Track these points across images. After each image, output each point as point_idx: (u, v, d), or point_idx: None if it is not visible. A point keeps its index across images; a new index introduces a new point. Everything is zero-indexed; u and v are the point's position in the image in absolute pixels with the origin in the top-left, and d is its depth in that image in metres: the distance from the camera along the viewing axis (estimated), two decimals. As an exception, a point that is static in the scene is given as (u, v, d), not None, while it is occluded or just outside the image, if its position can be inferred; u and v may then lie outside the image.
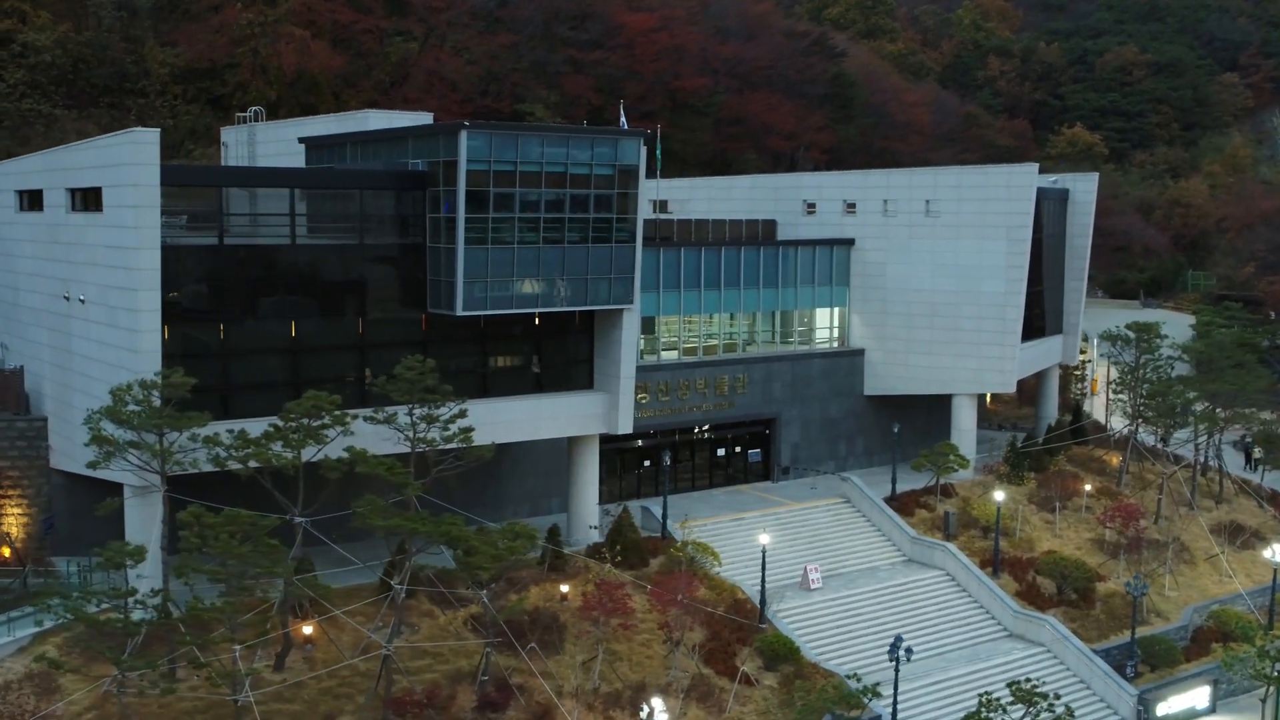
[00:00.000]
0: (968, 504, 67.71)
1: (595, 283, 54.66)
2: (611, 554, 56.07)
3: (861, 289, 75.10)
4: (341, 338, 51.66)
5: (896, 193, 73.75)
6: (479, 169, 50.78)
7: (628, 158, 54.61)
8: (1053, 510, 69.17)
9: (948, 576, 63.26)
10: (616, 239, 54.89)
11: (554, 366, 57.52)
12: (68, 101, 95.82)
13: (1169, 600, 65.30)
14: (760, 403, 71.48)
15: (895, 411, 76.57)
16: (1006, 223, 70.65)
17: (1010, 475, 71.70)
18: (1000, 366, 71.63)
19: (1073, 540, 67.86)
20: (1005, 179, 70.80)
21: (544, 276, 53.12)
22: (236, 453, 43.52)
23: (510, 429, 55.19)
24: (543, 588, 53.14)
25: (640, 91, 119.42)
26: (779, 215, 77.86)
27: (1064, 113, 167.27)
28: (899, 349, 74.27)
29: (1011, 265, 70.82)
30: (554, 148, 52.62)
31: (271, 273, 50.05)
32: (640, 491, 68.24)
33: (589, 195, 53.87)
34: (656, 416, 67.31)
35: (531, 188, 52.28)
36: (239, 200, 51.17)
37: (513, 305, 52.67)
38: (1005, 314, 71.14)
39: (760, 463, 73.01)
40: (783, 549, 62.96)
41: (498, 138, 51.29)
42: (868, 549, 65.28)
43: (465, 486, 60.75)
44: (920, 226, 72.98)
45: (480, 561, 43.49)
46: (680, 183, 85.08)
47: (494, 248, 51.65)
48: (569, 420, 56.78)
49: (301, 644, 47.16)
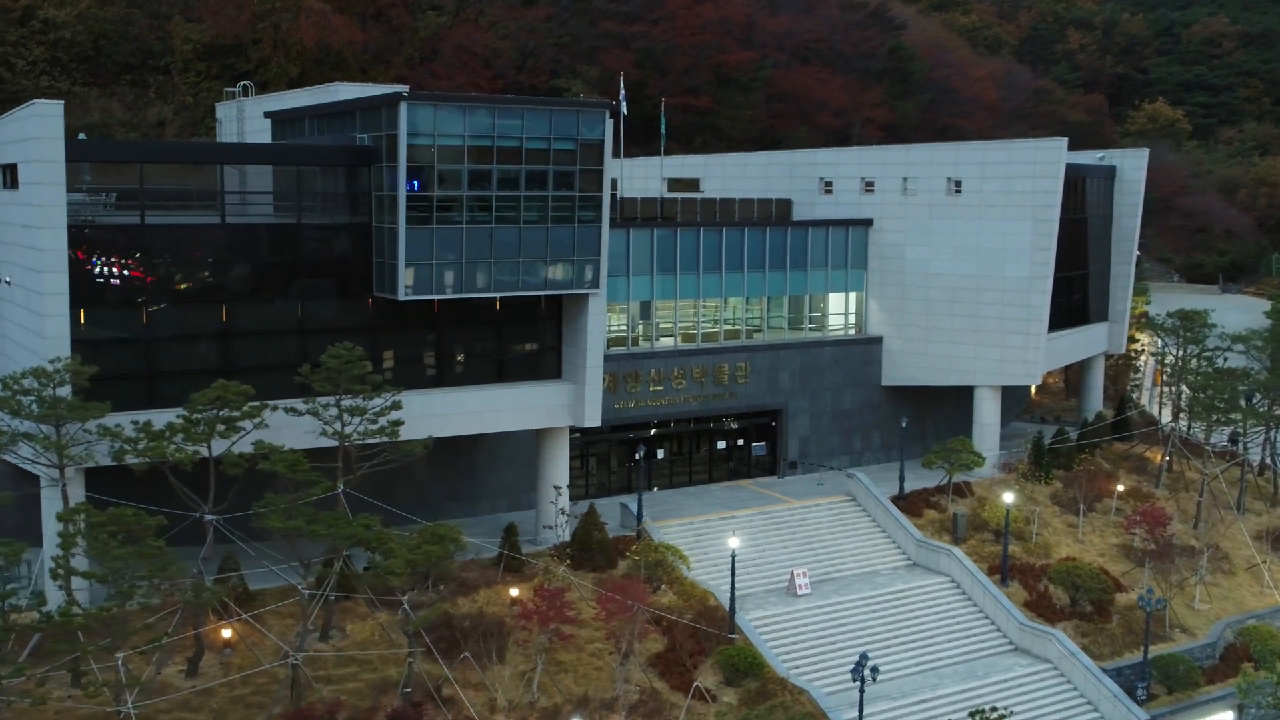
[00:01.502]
0: (983, 504, 62.88)
1: (556, 266, 51.07)
2: (575, 555, 52.59)
3: (880, 272, 70.42)
4: (278, 323, 48.73)
5: (917, 170, 68.90)
6: (422, 143, 47.45)
7: (591, 131, 50.85)
8: (1078, 513, 64.01)
9: (952, 583, 58.62)
10: (580, 219, 51.19)
11: (518, 354, 54.14)
12: (88, 79, 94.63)
13: (1198, 614, 59.94)
14: (765, 393, 67.30)
15: (917, 403, 71.90)
16: (1033, 202, 65.44)
17: (1033, 474, 66.64)
18: (1025, 357, 66.51)
19: (1096, 546, 62.72)
20: (1032, 155, 65.54)
21: (498, 259, 49.64)
22: (136, 446, 40.72)
23: (467, 421, 51.93)
24: (495, 590, 49.86)
25: (684, 66, 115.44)
26: (795, 194, 73.44)
27: (1146, 87, 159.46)
28: (918, 337, 69.51)
29: (1037, 248, 65.63)
30: (507, 120, 49.07)
31: (199, 254, 47.23)
32: (631, 485, 64.55)
33: (547, 171, 50.23)
34: (648, 407, 63.60)
35: (482, 163, 48.83)
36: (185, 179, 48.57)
37: (462, 289, 49.27)
38: (1030, 300, 65.99)
39: (766, 457, 68.88)
40: (773, 551, 58.97)
41: (442, 110, 47.88)
42: (869, 552, 60.85)
43: (438, 480, 58.01)
44: (941, 206, 68.07)
45: (393, 566, 40.23)
46: (695, 159, 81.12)
47: (440, 228, 48.30)
48: (532, 412, 53.30)
49: (220, 648, 44.45)
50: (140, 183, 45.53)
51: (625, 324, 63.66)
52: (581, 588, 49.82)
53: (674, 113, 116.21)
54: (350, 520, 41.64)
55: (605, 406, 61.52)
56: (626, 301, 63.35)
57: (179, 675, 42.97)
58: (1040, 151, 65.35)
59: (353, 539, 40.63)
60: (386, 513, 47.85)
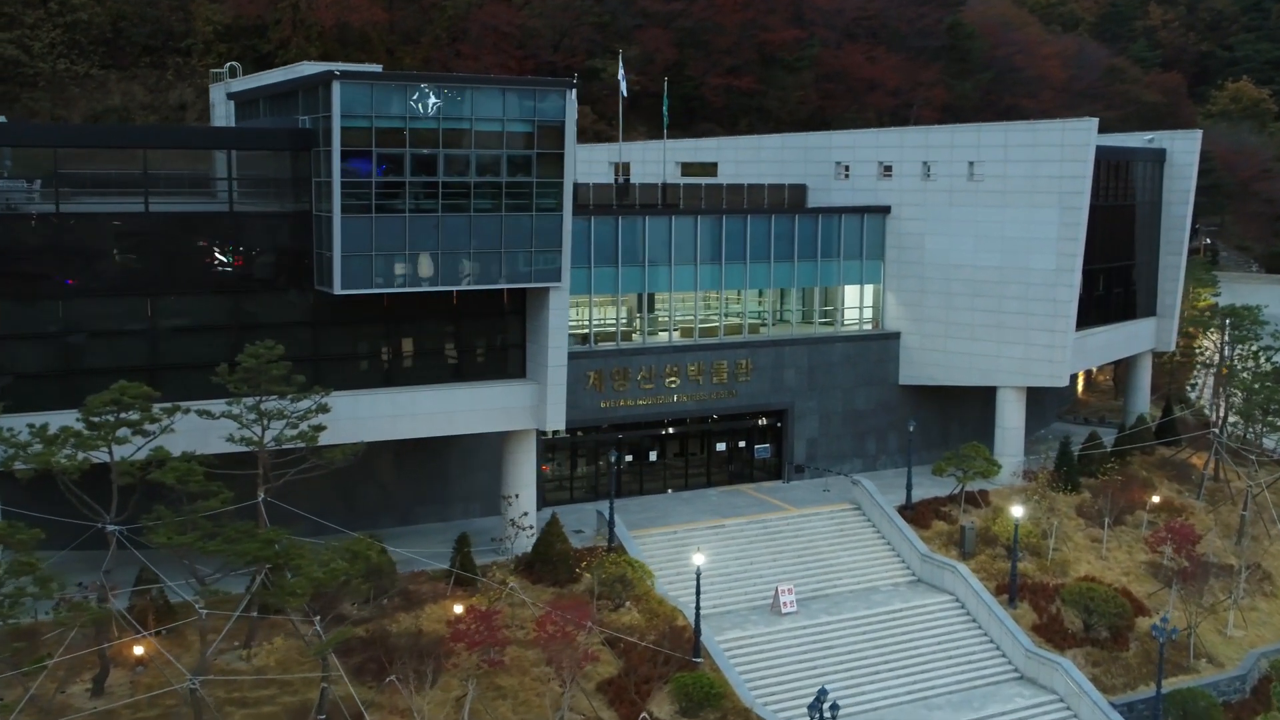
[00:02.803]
0: (997, 516, 57.98)
1: (511, 258, 47.38)
2: (534, 568, 49.02)
3: (897, 263, 65.66)
4: (210, 318, 45.69)
5: (937, 153, 63.98)
6: (358, 125, 44.05)
7: (550, 112, 47.06)
8: (1103, 526, 58.84)
9: (956, 603, 54.00)
10: (538, 207, 47.46)
11: (479, 352, 50.62)
12: (107, 61, 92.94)
13: (1231, 641, 54.59)
14: (769, 391, 63.00)
15: (940, 404, 67.15)
16: (1060, 188, 60.21)
17: (1058, 482, 61.53)
18: (1050, 356, 61.37)
19: (1121, 563, 57.55)
20: (1059, 136, 60.26)
21: (445, 250, 46.10)
22: (26, 451, 37.90)
23: (418, 424, 48.55)
24: (442, 605, 46.45)
25: (725, 45, 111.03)
26: (810, 179, 68.87)
27: (1230, 66, 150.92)
28: (937, 333, 64.66)
29: (1065, 238, 60.41)
30: (453, 100, 45.44)
31: (120, 244, 44.28)
32: (622, 489, 60.78)
33: (500, 156, 46.55)
34: (638, 406, 59.70)
35: (426, 147, 45.30)
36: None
37: (405, 283, 45.81)
38: (1056, 295, 60.83)
39: (770, 460, 64.61)
40: (762, 564, 54.86)
41: (380, 89, 44.40)
42: (869, 566, 56.40)
43: (406, 483, 54.90)
44: (962, 192, 63.10)
45: (295, 586, 36.95)
46: (708, 143, 76.76)
47: (381, 217, 44.91)
48: (490, 414, 49.72)
49: (132, 666, 41.61)
50: (55, 168, 42.69)
51: (614, 318, 59.82)
52: (531, 605, 46.15)
53: (717, 94, 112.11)
54: (255, 535, 38.34)
55: (590, 406, 58.22)
56: (616, 294, 59.53)
57: (85, 695, 40.21)
58: (1068, 133, 60.06)
59: (248, 556, 37.33)
60: (313, 523, 44.84)
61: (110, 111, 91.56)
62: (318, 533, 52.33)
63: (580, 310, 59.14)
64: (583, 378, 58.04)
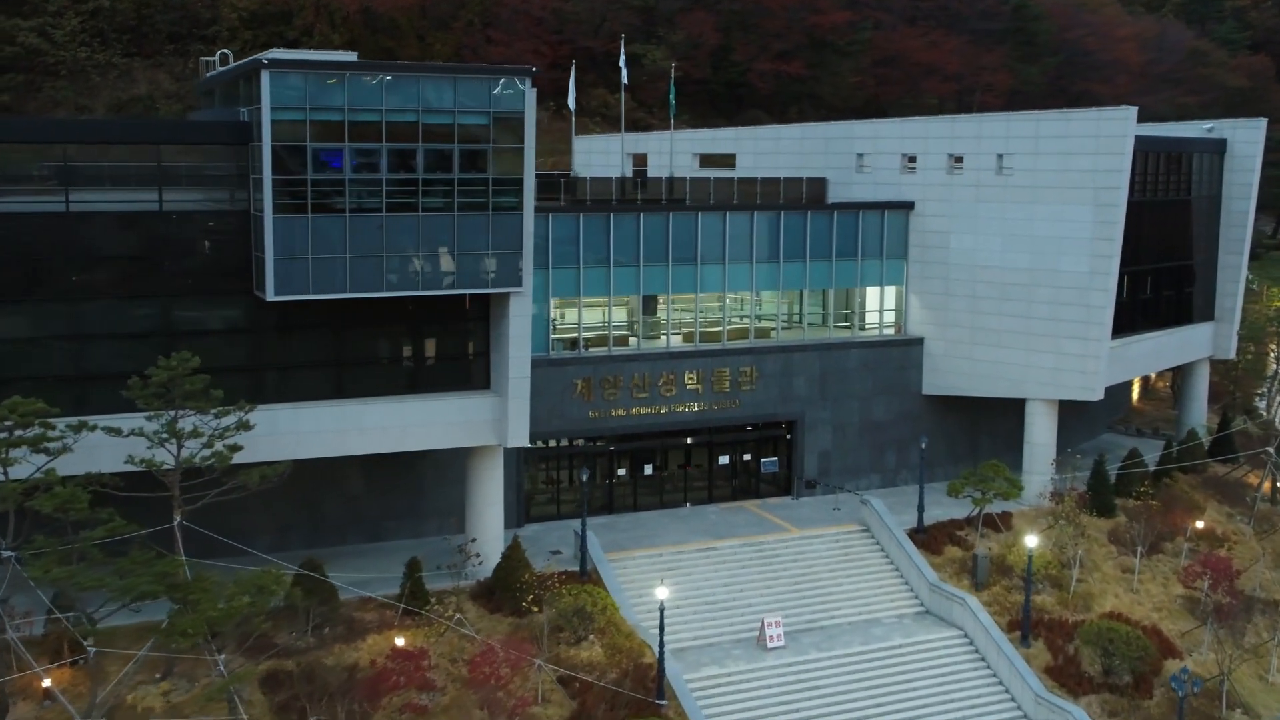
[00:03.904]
0: (1020, 541, 52.99)
1: (465, 260, 43.71)
2: (492, 596, 45.40)
3: (920, 264, 60.82)
4: (138, 326, 42.62)
5: (963, 145, 59.01)
6: (291, 118, 40.68)
7: (508, 103, 43.25)
8: (1136, 555, 53.61)
9: (965, 639, 49.31)
10: (496, 205, 43.73)
11: (438, 361, 47.05)
12: (131, 50, 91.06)
13: (1273, 689, 49.18)
14: (776, 401, 58.65)
15: (969, 415, 62.27)
16: (1094, 183, 54.95)
17: (1091, 504, 56.38)
18: (1082, 367, 56.16)
19: (1154, 597, 52.33)
20: (1094, 127, 54.96)
21: (390, 253, 42.57)
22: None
23: (366, 439, 45.09)
24: (385, 637, 43.02)
25: (774, 28, 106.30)
26: (830, 172, 64.21)
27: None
28: (962, 339, 59.75)
29: (1099, 238, 55.14)
30: (400, 92, 41.85)
31: (38, 246, 41.24)
32: (612, 505, 57.03)
33: (452, 151, 42.86)
34: (631, 417, 55.75)
35: (368, 141, 41.79)
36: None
37: (347, 288, 42.37)
38: (1090, 300, 55.60)
39: (779, 474, 60.24)
40: (754, 591, 50.67)
41: (316, 79, 40.94)
42: (873, 595, 51.86)
43: (376, 497, 51.69)
44: (989, 187, 58.09)
45: (185, 625, 33.69)
46: (725, 133, 72.28)
47: (318, 216, 41.52)
48: (447, 428, 46.12)
49: (40, 698, 38.78)
50: (-36, 165, 39.96)
51: (605, 321, 55.94)
52: (477, 638, 42.51)
53: (765, 80, 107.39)
54: (152, 566, 35.14)
55: (578, 416, 54.51)
56: (608, 296, 55.64)
57: (-17, 731, 37.51)
58: (1103, 122, 54.71)
59: (134, 593, 34.14)
60: (272, 540, 41.85)
61: (135, 101, 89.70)
62: (276, 549, 49.77)
63: (566, 313, 55.41)
64: (570, 386, 54.29)
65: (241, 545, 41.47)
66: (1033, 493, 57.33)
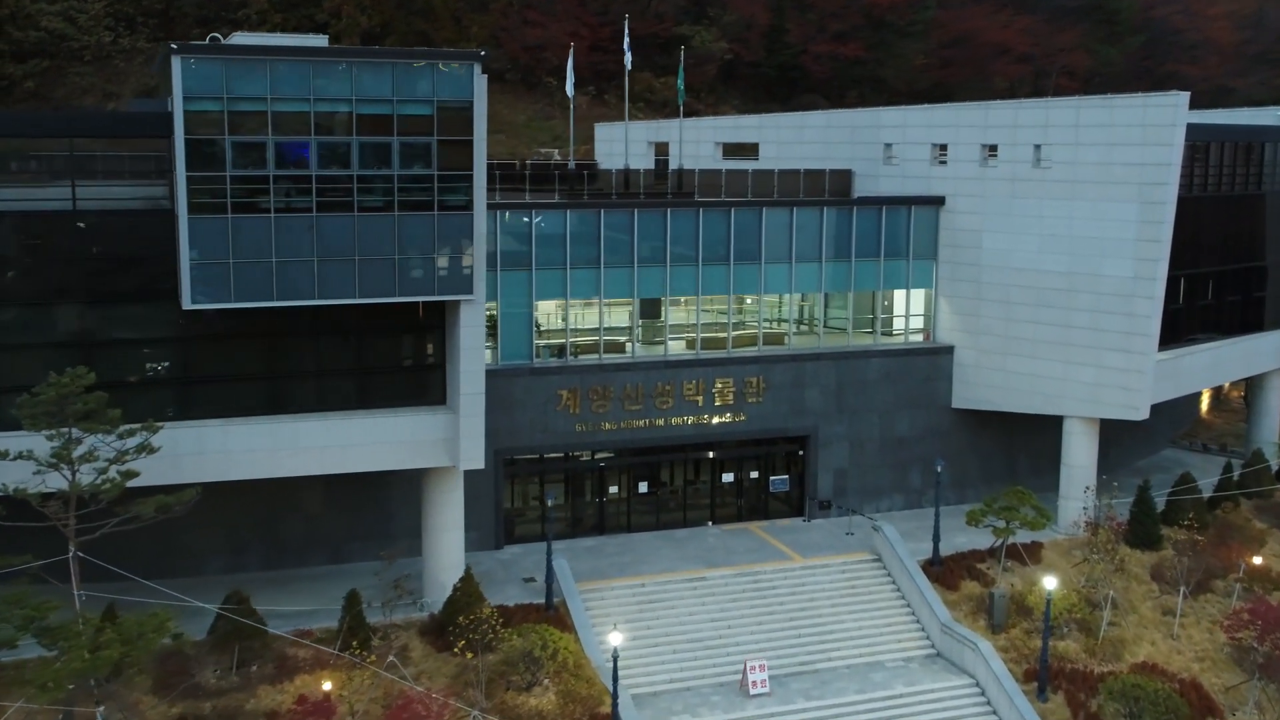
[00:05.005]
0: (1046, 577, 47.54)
1: (408, 265, 39.62)
2: (441, 633, 41.38)
3: (951, 264, 55.42)
4: (50, 334, 39.22)
5: (998, 134, 53.44)
6: (206, 109, 36.91)
7: (455, 90, 39.03)
8: (1180, 595, 47.85)
9: (976, 689, 44.15)
10: (442, 205, 39.57)
11: (389, 374, 43.08)
12: (157, 34, 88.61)
13: (1329, 756, 43.30)
14: (786, 414, 53.76)
15: (1005, 431, 56.93)
16: (1140, 178, 49.11)
17: (1133, 535, 50.72)
18: (1125, 382, 50.39)
19: (1197, 645, 46.56)
20: (1139, 114, 49.08)
21: (323, 257, 38.65)
22: None
23: (305, 459, 41.28)
24: (317, 677, 39.25)
25: (831, 8, 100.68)
26: (857, 163, 58.99)
27: None
28: (994, 348, 54.27)
29: (1145, 239, 49.29)
30: (330, 79, 37.83)
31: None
32: (603, 525, 52.73)
33: (391, 144, 38.75)
34: (622, 430, 51.33)
35: (295, 134, 37.85)
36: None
37: (274, 296, 38.52)
38: (1134, 308, 49.82)
39: (791, 493, 55.39)
40: (743, 628, 46.02)
41: (235, 65, 37.10)
42: (878, 635, 46.83)
43: (338, 516, 48.09)
44: (1025, 181, 52.50)
45: (48, 678, 30.11)
46: (749, 120, 67.23)
47: (240, 217, 37.71)
48: (394, 449, 42.08)
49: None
50: None
51: (595, 326, 51.59)
52: (409, 683, 38.51)
53: (820, 63, 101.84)
54: (22, 607, 31.63)
55: (564, 430, 50.31)
56: (598, 299, 51.28)
57: None
58: (1150, 110, 48.79)
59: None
60: (225, 560, 38.36)
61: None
62: (232, 570, 46.53)
63: (551, 317, 51.20)
64: (553, 397, 50.05)
65: (189, 568, 37.82)
66: (1068, 521, 51.85)
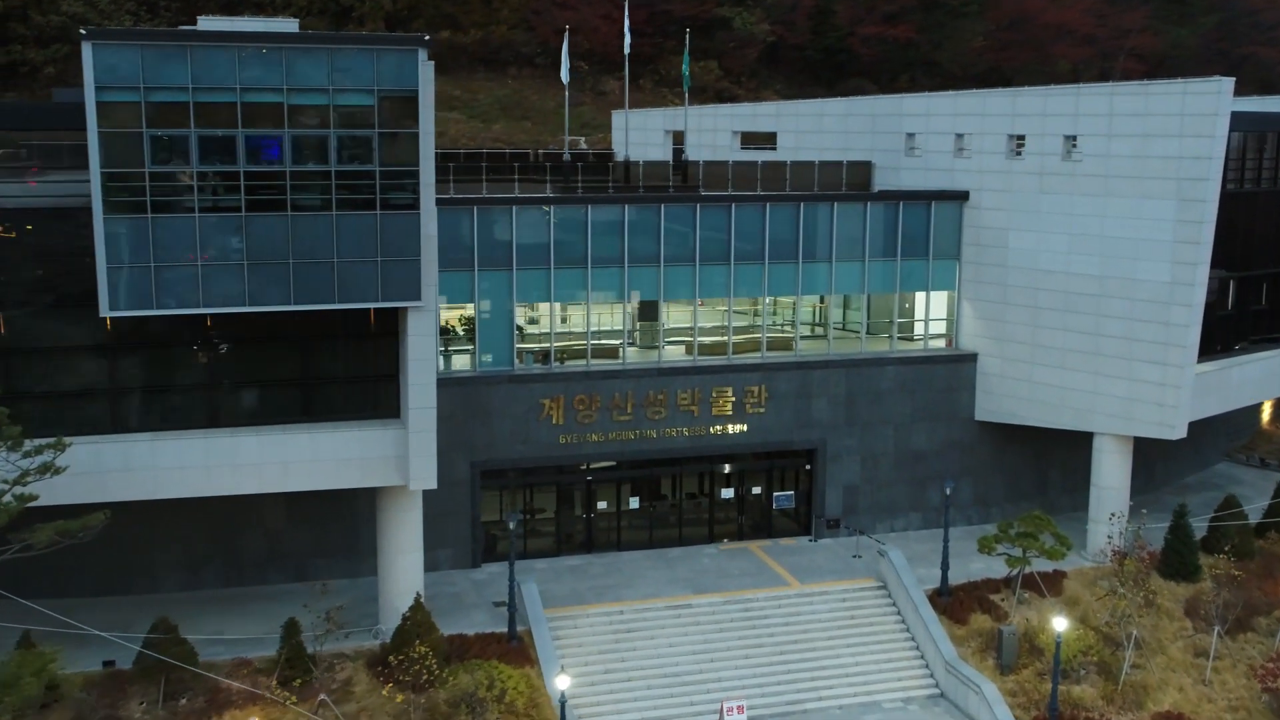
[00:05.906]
0: (1068, 610, 43.29)
1: (349, 269, 36.45)
2: (389, 666, 38.27)
3: (975, 265, 51.12)
4: (-31, 342, 36.75)
5: (1026, 123, 49.02)
6: (121, 99, 33.97)
7: (398, 79, 35.75)
8: (1214, 635, 43.31)
9: (979, 736, 40.22)
10: (385, 204, 36.33)
11: (336, 386, 39.98)
12: (180, 19, 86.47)
13: (1375, 825, 38.63)
14: (790, 426, 49.90)
15: (1034, 444, 52.59)
16: (1178, 172, 44.46)
17: (1167, 566, 46.24)
18: (1160, 397, 45.83)
19: (1231, 692, 41.99)
20: (1178, 103, 44.39)
21: (254, 260, 35.60)
22: None
23: (240, 477, 38.30)
24: (248, 711, 36.37)
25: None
26: (878, 154, 54.86)
27: None
28: (1020, 357, 49.93)
29: (1184, 240, 44.66)
30: (260, 67, 34.71)
31: None
32: (592, 542, 49.35)
33: (327, 138, 35.56)
34: (610, 442, 47.83)
35: (221, 127, 34.80)
36: None
37: (200, 302, 35.57)
38: (1170, 316, 45.22)
39: (797, 510, 51.57)
40: (728, 662, 42.40)
41: (153, 52, 34.09)
42: (877, 672, 42.91)
43: (301, 531, 45.40)
44: (1054, 176, 48.04)
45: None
46: (766, 108, 63.20)
47: (160, 218, 34.78)
48: (339, 466, 38.97)
49: None
50: None
51: (583, 330, 48.21)
52: None
53: (869, 46, 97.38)
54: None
55: (547, 441, 47.00)
56: (586, 304, 47.87)
57: None
58: (1190, 98, 44.07)
59: None
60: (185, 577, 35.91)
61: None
62: (188, 588, 44.14)
63: (534, 322, 47.88)
64: (535, 407, 46.70)
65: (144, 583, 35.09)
66: (1096, 547, 47.47)
